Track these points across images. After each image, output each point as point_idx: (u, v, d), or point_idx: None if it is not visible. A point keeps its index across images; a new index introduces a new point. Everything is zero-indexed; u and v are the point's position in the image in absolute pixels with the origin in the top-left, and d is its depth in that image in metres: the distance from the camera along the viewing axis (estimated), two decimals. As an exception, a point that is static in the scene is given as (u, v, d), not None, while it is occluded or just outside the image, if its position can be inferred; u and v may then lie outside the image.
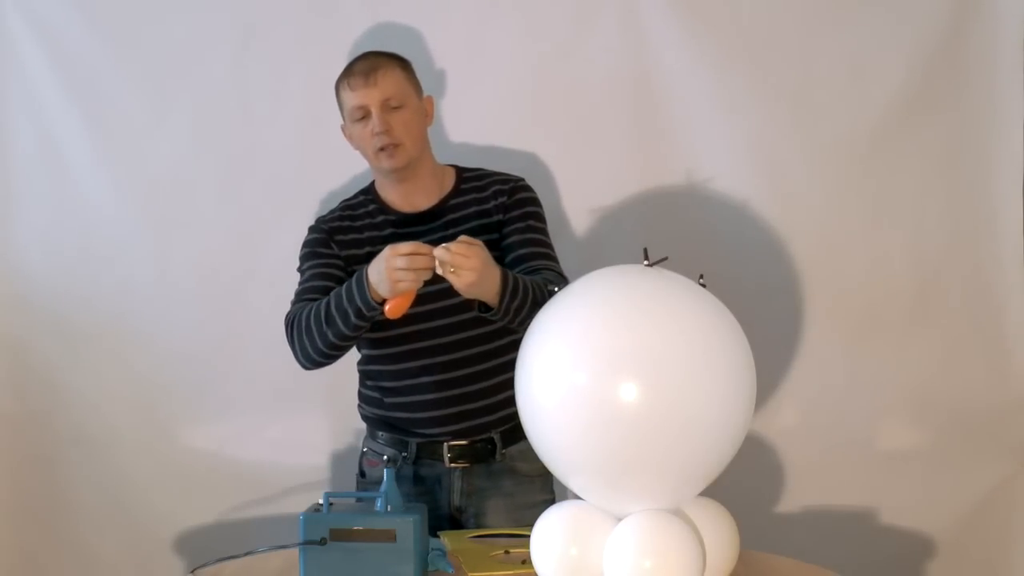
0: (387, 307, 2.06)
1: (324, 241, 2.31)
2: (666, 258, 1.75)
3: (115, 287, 2.84)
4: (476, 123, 2.77)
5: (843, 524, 2.84)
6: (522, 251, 2.27)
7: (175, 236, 2.83)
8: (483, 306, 2.11)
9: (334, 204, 2.41)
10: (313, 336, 2.16)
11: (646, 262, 1.75)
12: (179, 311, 2.83)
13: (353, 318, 2.10)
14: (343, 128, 2.33)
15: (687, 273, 1.76)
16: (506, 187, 2.33)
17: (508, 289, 2.07)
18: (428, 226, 2.30)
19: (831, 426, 2.84)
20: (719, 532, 1.77)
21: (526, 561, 1.83)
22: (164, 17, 2.78)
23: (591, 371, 1.66)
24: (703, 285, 1.75)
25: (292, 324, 2.22)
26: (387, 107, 2.24)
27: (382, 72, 2.25)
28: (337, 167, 2.75)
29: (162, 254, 2.83)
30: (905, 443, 2.85)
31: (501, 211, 2.31)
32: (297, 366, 2.79)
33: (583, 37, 2.77)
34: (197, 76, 2.80)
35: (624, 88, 2.78)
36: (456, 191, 2.34)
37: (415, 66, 2.36)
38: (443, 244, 2.00)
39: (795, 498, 2.86)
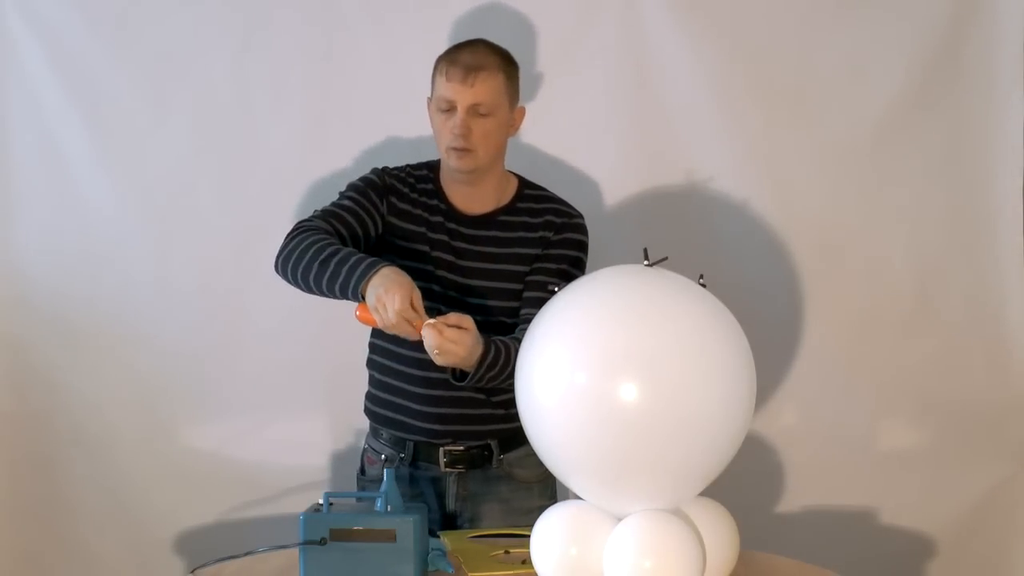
0: (359, 312, 2.01)
1: (380, 190, 2.27)
2: (666, 258, 1.75)
3: (115, 287, 2.84)
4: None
5: (843, 524, 2.84)
6: (534, 293, 2.22)
7: (175, 236, 2.83)
8: (455, 371, 2.08)
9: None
10: (303, 258, 2.07)
11: (646, 262, 1.75)
12: (179, 311, 2.83)
13: (338, 286, 2.02)
14: (428, 102, 2.28)
15: (687, 273, 1.76)
16: (557, 221, 2.29)
17: (486, 363, 2.04)
18: (475, 231, 2.27)
19: (831, 426, 2.84)
20: (719, 532, 1.77)
21: (526, 561, 1.83)
22: (164, 17, 2.78)
23: (591, 371, 1.66)
24: (703, 285, 1.75)
25: (298, 233, 2.13)
26: (474, 112, 2.18)
27: (483, 76, 2.18)
28: (337, 167, 2.75)
29: (162, 254, 2.83)
30: (905, 443, 2.86)
31: (542, 245, 2.27)
32: (296, 367, 2.82)
33: (583, 37, 2.77)
34: (197, 76, 2.79)
35: (624, 88, 2.78)
36: (511, 207, 2.30)
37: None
38: (435, 322, 1.95)
39: (795, 498, 2.86)
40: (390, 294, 1.95)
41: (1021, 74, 2.76)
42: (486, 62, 2.20)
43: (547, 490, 2.35)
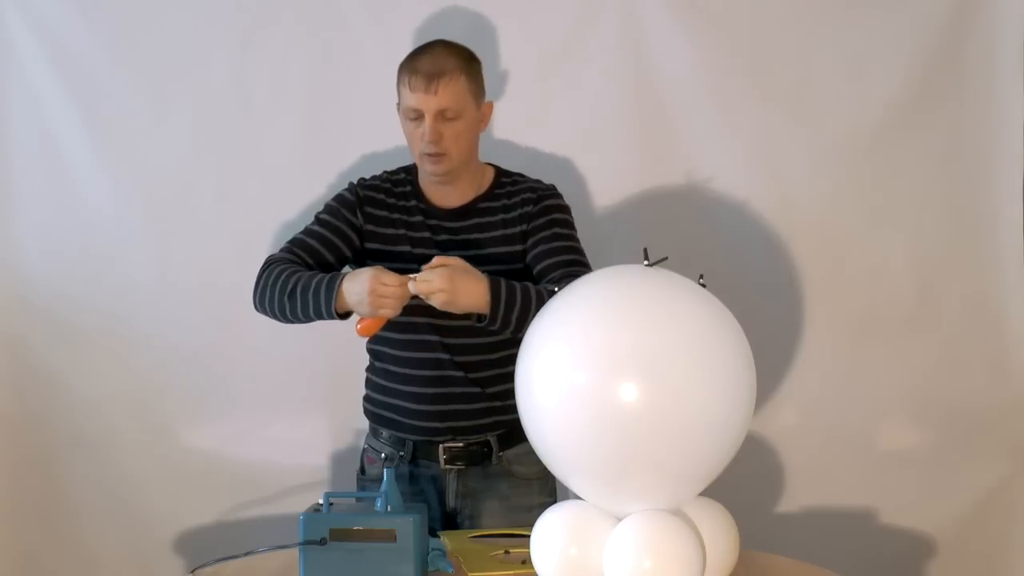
0: (360, 326, 2.11)
1: (352, 206, 2.31)
2: (666, 258, 1.76)
3: (115, 287, 2.84)
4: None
5: (843, 524, 2.84)
6: (549, 260, 2.25)
7: (175, 236, 2.83)
8: (482, 316, 2.11)
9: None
10: (274, 296, 2.17)
11: (646, 262, 1.75)
12: (179, 311, 2.83)
13: (312, 313, 2.14)
14: (398, 108, 2.29)
15: (687, 273, 1.76)
16: (533, 195, 2.31)
17: (501, 299, 2.08)
18: (456, 223, 2.29)
19: (831, 426, 2.84)
20: (719, 532, 1.77)
21: (526, 561, 1.83)
22: (164, 17, 2.78)
23: (591, 371, 1.66)
24: (703, 285, 1.75)
25: (265, 269, 2.23)
26: (441, 117, 2.20)
27: (445, 81, 2.19)
28: (337, 166, 2.75)
29: (162, 254, 2.83)
30: (905, 443, 2.86)
31: (525, 220, 2.29)
32: (296, 366, 2.83)
33: (583, 37, 2.77)
34: (197, 76, 2.79)
35: (624, 88, 2.78)
36: (489, 194, 2.33)
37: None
38: (412, 276, 2.05)
39: (795, 498, 2.86)
40: (375, 290, 2.04)
41: (1021, 74, 2.76)
42: (446, 66, 2.21)
43: (547, 487, 2.35)
